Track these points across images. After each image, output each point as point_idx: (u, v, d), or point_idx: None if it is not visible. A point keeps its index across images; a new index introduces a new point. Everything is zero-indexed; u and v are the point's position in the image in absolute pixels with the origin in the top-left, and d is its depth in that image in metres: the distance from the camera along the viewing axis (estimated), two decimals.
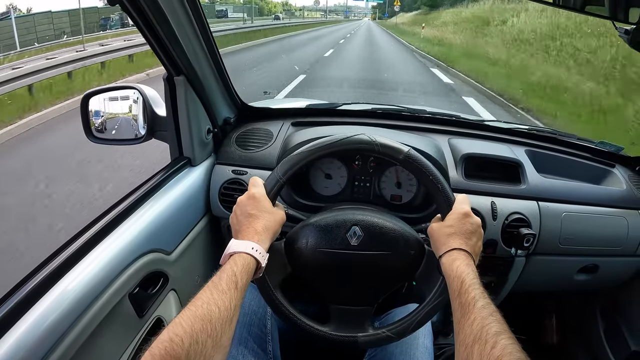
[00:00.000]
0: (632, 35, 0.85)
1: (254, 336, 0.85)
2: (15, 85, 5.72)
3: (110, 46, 8.51)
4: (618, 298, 1.32)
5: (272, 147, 1.14)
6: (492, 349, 0.50)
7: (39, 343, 0.58)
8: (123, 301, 0.76)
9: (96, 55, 7.81)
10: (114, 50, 8.30)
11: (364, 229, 0.75)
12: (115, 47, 8.52)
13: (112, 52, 8.21)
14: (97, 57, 7.80)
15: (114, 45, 8.75)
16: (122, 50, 8.56)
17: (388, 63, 11.85)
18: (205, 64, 0.99)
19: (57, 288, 0.64)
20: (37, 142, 4.87)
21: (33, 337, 0.58)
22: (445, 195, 0.75)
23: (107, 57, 8.06)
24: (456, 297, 0.62)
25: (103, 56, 7.95)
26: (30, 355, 0.57)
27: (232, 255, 0.64)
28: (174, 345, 0.49)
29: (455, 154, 1.14)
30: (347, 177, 1.08)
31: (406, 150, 0.75)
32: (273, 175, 0.76)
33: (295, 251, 0.77)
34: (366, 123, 1.24)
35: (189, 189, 1.01)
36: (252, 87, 6.49)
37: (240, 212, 0.72)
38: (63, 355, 0.61)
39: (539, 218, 1.09)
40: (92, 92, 1.01)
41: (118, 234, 0.78)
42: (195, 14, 0.89)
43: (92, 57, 7.68)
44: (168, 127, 1.01)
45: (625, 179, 1.21)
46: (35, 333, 0.58)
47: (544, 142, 1.27)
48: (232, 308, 0.57)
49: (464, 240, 0.70)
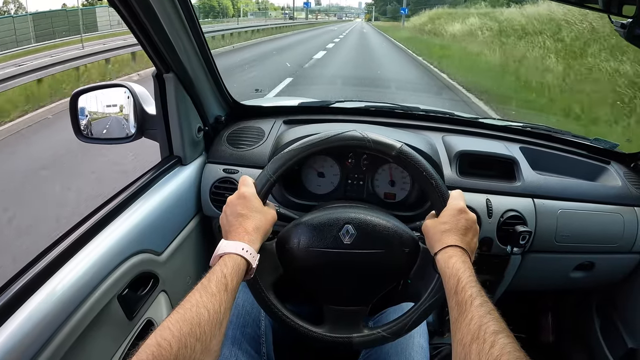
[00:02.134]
0: (628, 29, 0.85)
1: (248, 338, 0.84)
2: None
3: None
4: (614, 295, 1.32)
5: (263, 145, 1.13)
6: (491, 348, 0.50)
7: (25, 346, 0.57)
8: (112, 303, 0.74)
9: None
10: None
11: (357, 227, 0.74)
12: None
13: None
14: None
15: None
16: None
17: None
18: (195, 61, 0.98)
19: (43, 290, 0.63)
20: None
21: (19, 340, 0.57)
22: (439, 191, 0.74)
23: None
24: (452, 295, 0.61)
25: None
26: (16, 359, 0.56)
27: (222, 257, 0.63)
28: (161, 350, 0.47)
29: (450, 151, 1.14)
30: (340, 175, 1.07)
31: (399, 146, 0.74)
32: (263, 173, 0.75)
33: (287, 251, 0.75)
34: (359, 121, 1.23)
35: (179, 188, 1.00)
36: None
37: (230, 211, 0.71)
38: (50, 359, 0.60)
39: (535, 215, 1.08)
40: (81, 90, 0.99)
41: (106, 234, 0.77)
42: (184, 9, 0.88)
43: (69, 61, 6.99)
44: (158, 125, 0.99)
45: (620, 175, 1.21)
46: (21, 336, 0.57)
47: (538, 139, 1.27)
48: (222, 311, 0.56)
49: (460, 237, 0.69)
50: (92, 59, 7.68)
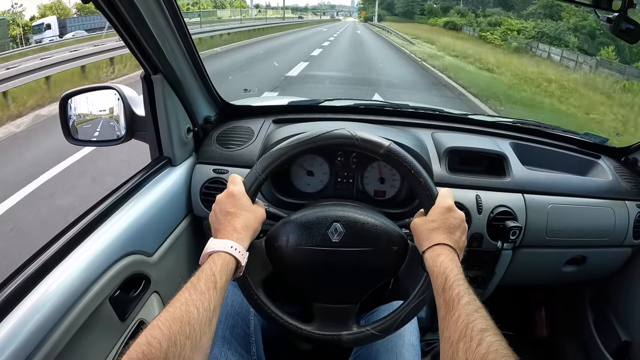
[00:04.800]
0: (614, 23, 0.86)
1: (237, 337, 0.84)
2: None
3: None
4: (607, 289, 1.32)
5: (253, 145, 1.13)
6: (478, 346, 0.49)
7: (18, 349, 0.57)
8: (104, 305, 0.74)
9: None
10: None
11: (345, 226, 0.74)
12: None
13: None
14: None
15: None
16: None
17: None
18: (183, 62, 0.98)
19: (35, 293, 0.63)
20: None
21: (11, 344, 0.57)
22: (427, 189, 0.74)
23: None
24: (440, 293, 0.61)
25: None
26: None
27: (211, 255, 0.63)
28: (151, 349, 0.48)
29: (439, 148, 1.14)
30: (330, 173, 1.07)
31: (387, 144, 0.74)
32: (252, 172, 0.75)
33: (275, 249, 0.75)
34: (349, 119, 1.23)
35: (169, 189, 1.00)
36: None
37: (219, 210, 0.71)
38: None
39: (525, 210, 1.09)
40: (70, 92, 0.98)
41: (97, 236, 0.77)
42: (170, 10, 0.87)
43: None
44: (147, 126, 0.99)
45: (610, 169, 1.21)
46: (13, 340, 0.57)
47: (528, 135, 1.27)
48: (212, 309, 0.56)
49: (448, 235, 0.69)
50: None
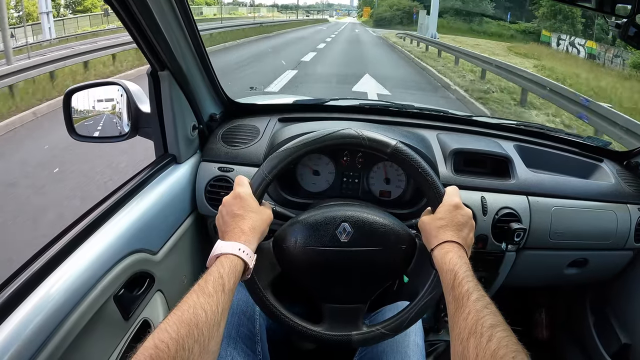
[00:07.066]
0: (622, 29, 0.86)
1: (243, 337, 0.83)
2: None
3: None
4: (608, 291, 1.33)
5: (258, 143, 1.12)
6: (488, 342, 0.50)
7: (22, 348, 0.56)
8: (108, 303, 0.73)
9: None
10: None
11: (354, 225, 0.74)
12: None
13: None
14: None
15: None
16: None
17: None
18: (190, 59, 0.97)
19: (39, 291, 0.62)
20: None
21: (15, 343, 0.56)
22: (434, 187, 0.74)
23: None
24: (450, 291, 0.61)
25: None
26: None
27: (219, 257, 0.63)
28: (159, 352, 0.47)
29: (444, 149, 1.14)
30: (335, 173, 1.07)
31: (394, 143, 0.74)
32: (259, 173, 0.74)
33: (284, 250, 0.75)
34: (354, 118, 1.23)
35: (174, 187, 0.99)
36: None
37: (226, 212, 0.70)
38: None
39: (529, 213, 1.09)
40: (74, 88, 0.97)
41: (101, 234, 0.76)
42: (180, 6, 0.86)
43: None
44: (152, 123, 0.98)
45: (613, 173, 1.22)
46: (17, 338, 0.56)
47: (532, 137, 1.28)
48: (220, 312, 0.55)
49: (456, 232, 0.69)
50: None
